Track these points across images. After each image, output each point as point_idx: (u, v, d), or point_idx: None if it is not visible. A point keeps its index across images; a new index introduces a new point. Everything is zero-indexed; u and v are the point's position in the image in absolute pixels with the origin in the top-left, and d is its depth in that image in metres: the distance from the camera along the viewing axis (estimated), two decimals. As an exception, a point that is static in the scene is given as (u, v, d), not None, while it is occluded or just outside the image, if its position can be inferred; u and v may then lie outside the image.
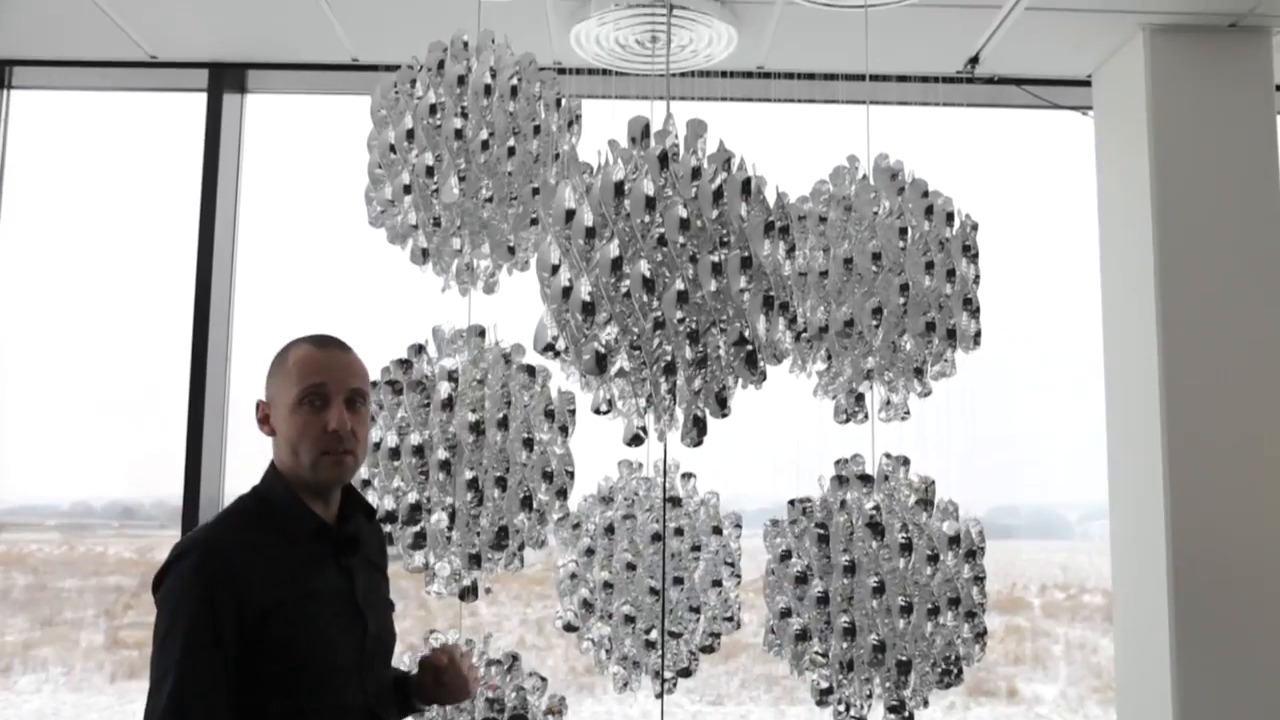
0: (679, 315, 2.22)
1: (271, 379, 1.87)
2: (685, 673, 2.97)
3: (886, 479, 2.81)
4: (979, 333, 2.88)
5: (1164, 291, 3.67)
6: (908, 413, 2.91)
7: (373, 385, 2.53)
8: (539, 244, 2.54)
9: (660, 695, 2.92)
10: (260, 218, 4.27)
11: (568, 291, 2.27)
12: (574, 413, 2.81)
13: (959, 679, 2.73)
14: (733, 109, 4.13)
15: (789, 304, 2.33)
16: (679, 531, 2.97)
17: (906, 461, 2.84)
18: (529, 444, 2.71)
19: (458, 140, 2.75)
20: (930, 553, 2.69)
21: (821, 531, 2.73)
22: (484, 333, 2.84)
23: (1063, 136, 4.33)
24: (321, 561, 1.82)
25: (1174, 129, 3.75)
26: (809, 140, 4.15)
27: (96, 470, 4.52)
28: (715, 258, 2.24)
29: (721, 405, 2.31)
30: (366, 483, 2.71)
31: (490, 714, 2.70)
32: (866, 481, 2.79)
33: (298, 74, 4.20)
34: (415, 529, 2.67)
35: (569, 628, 3.01)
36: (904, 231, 2.83)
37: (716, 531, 3.02)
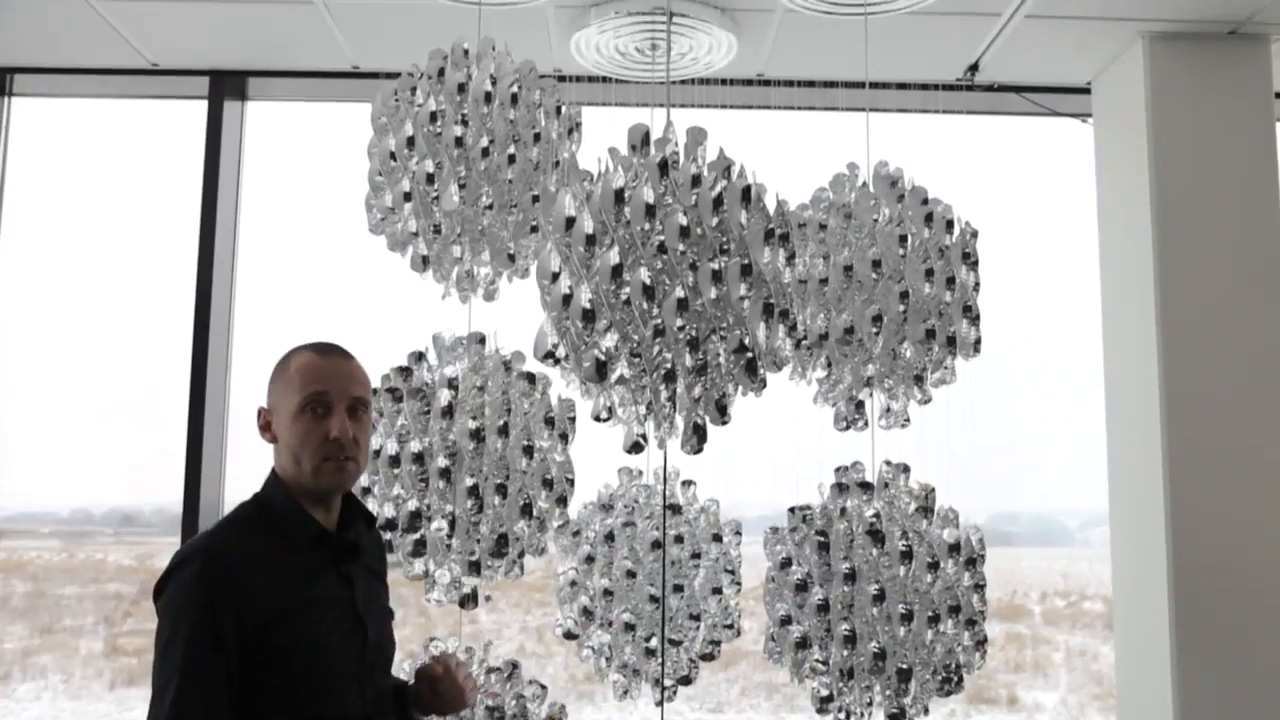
0: (679, 323, 2.22)
1: (273, 386, 1.88)
2: (685, 680, 2.96)
3: (887, 486, 2.81)
4: (979, 340, 2.88)
5: (1164, 298, 3.67)
6: (908, 420, 2.91)
7: (373, 393, 2.53)
8: (539, 251, 2.54)
9: (660, 703, 2.92)
10: (261, 224, 4.26)
11: (568, 299, 2.28)
12: (574, 420, 2.81)
13: (959, 686, 2.72)
14: (732, 116, 4.13)
15: (789, 311, 2.34)
16: (679, 539, 2.97)
17: (907, 469, 2.84)
18: (529, 451, 2.71)
19: (458, 148, 2.76)
20: (930, 560, 2.69)
21: (822, 539, 2.73)
22: (484, 340, 2.84)
23: (1062, 144, 4.33)
24: (322, 569, 1.82)
25: (1173, 136, 3.75)
26: (809, 148, 4.15)
27: (96, 477, 4.51)
28: (715, 265, 2.24)
29: (721, 412, 2.32)
30: (367, 490, 2.71)
31: (490, 722, 2.70)
32: (867, 489, 2.79)
33: (298, 81, 4.21)
34: (415, 536, 2.67)
35: (569, 635, 3.01)
36: (904, 239, 2.84)
37: (716, 539, 3.02)
